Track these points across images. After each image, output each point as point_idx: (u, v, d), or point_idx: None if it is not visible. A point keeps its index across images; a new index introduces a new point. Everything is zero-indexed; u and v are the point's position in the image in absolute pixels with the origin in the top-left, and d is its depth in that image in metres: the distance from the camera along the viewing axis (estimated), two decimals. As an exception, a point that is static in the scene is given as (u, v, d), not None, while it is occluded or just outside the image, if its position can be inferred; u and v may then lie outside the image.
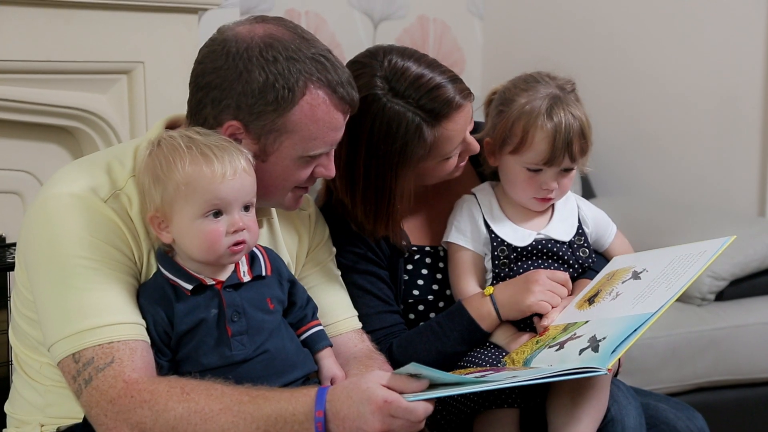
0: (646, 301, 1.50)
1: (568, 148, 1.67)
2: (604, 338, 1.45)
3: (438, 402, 1.63)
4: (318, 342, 1.56)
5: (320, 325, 1.58)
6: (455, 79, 1.68)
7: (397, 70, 1.65)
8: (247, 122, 1.48)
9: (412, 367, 1.34)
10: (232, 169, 1.42)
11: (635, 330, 1.44)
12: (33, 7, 2.37)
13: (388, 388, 1.36)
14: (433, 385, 1.38)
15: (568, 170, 1.72)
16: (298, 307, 1.55)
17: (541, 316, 1.65)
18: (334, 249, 1.77)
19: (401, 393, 1.35)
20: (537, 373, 1.42)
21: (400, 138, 1.64)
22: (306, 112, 1.48)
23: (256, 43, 1.47)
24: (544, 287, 1.65)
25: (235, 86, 1.47)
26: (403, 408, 1.33)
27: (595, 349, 1.43)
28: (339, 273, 1.75)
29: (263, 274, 1.50)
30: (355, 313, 1.72)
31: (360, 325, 1.71)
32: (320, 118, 1.50)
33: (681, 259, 1.58)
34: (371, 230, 1.73)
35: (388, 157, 1.65)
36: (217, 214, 1.42)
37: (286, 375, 1.48)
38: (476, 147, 1.74)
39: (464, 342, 1.68)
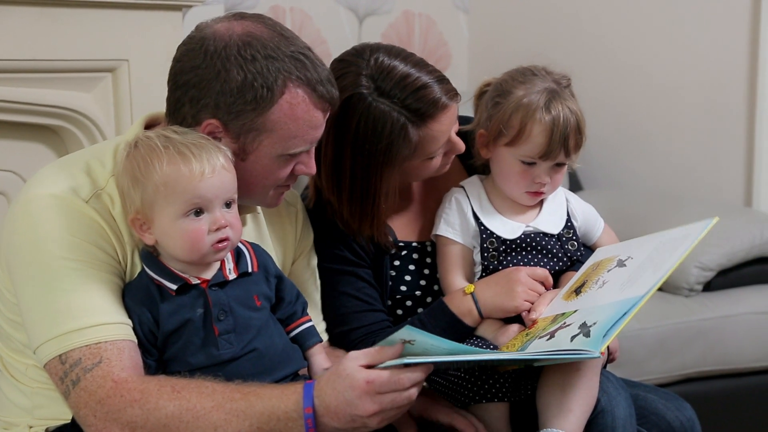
0: (634, 286, 1.51)
1: (565, 143, 1.67)
2: (594, 323, 1.45)
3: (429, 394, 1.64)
4: (308, 338, 1.56)
5: (311, 321, 1.58)
6: (442, 79, 1.68)
7: (383, 69, 1.64)
8: (226, 121, 1.47)
9: (406, 332, 1.34)
10: (211, 167, 1.41)
11: (625, 314, 1.45)
12: (17, 6, 2.36)
13: (368, 366, 1.36)
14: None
15: (561, 165, 1.72)
16: (286, 303, 1.54)
17: (528, 310, 1.65)
18: (315, 260, 1.76)
19: (380, 365, 1.35)
20: (529, 354, 1.42)
21: (385, 138, 1.64)
22: (285, 110, 1.48)
23: (235, 42, 1.46)
24: (525, 286, 1.65)
25: (213, 85, 1.46)
26: (387, 380, 1.34)
27: (587, 335, 1.44)
28: (318, 286, 1.75)
29: (249, 270, 1.49)
30: (324, 325, 1.74)
31: (326, 337, 1.73)
32: (300, 117, 1.49)
33: (665, 244, 1.59)
34: (357, 229, 1.73)
35: (373, 157, 1.65)
36: (198, 212, 1.41)
37: (275, 372, 1.48)
38: (461, 146, 1.74)
39: (448, 338, 1.68)
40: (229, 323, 1.45)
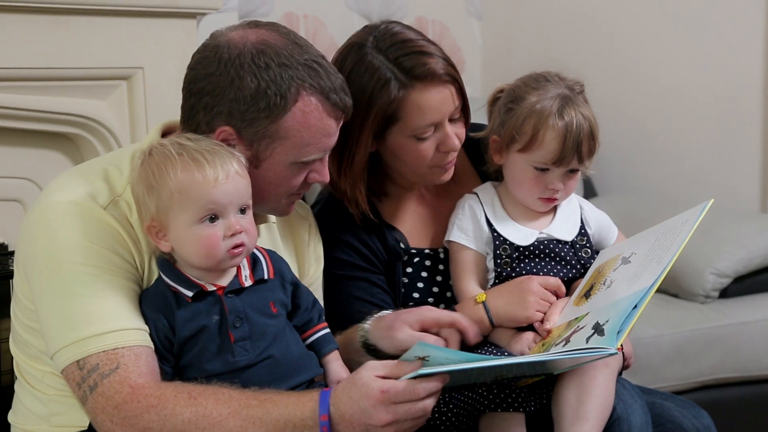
0: (640, 279, 1.51)
1: (578, 149, 1.67)
2: (607, 321, 1.45)
3: (444, 402, 1.64)
4: (325, 345, 1.55)
5: (327, 327, 1.57)
6: (447, 61, 1.70)
7: (389, 31, 1.70)
8: (240, 128, 1.48)
9: (419, 348, 1.34)
10: (225, 173, 1.41)
11: (635, 306, 1.45)
12: (32, 14, 2.37)
13: (384, 377, 1.36)
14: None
15: (574, 171, 1.71)
16: (302, 310, 1.54)
17: (541, 321, 1.65)
18: (321, 272, 1.76)
19: (398, 378, 1.35)
20: (545, 355, 1.42)
21: (368, 90, 1.66)
22: (298, 118, 1.48)
23: (249, 50, 1.47)
24: (537, 297, 1.65)
25: (227, 93, 1.46)
26: (401, 390, 1.34)
27: (601, 333, 1.43)
28: (320, 297, 1.75)
29: (265, 277, 1.49)
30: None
31: None
32: (313, 125, 1.50)
33: (665, 234, 1.58)
34: (342, 188, 1.73)
35: (357, 108, 1.64)
36: (213, 218, 1.41)
37: (291, 379, 1.48)
38: (454, 143, 1.71)
39: (459, 347, 1.67)
40: (245, 330, 1.45)
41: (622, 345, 1.43)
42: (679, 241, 1.52)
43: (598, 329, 1.45)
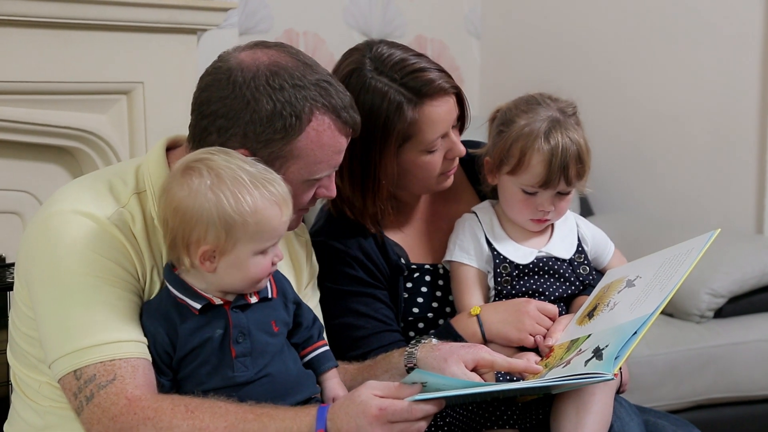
0: (642, 305, 1.52)
1: (564, 172, 1.68)
2: (606, 346, 1.46)
3: (441, 418, 1.64)
4: (323, 363, 1.56)
5: (326, 345, 1.58)
6: (441, 70, 1.72)
7: (383, 54, 1.71)
8: (255, 150, 1.49)
9: (417, 375, 1.35)
10: (290, 210, 1.44)
11: (635, 333, 1.46)
12: (33, 28, 2.38)
13: (383, 397, 1.37)
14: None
15: (564, 193, 1.73)
16: (303, 328, 1.55)
17: (543, 336, 1.65)
18: (318, 295, 1.77)
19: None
20: (543, 381, 1.43)
21: (382, 114, 1.67)
22: (312, 138, 1.50)
23: (262, 72, 1.48)
24: (533, 320, 1.65)
25: (242, 115, 1.47)
26: (399, 409, 1.35)
27: (600, 358, 1.44)
28: (320, 314, 1.75)
29: (269, 296, 1.50)
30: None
31: None
32: (325, 143, 1.51)
33: (671, 261, 1.59)
34: (361, 208, 1.74)
35: (372, 134, 1.67)
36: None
37: (288, 397, 1.48)
38: (461, 149, 1.75)
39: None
40: (246, 346, 1.45)
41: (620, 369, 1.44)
42: (683, 270, 1.53)
43: (597, 353, 1.46)
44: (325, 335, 1.60)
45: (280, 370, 1.48)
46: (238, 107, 1.47)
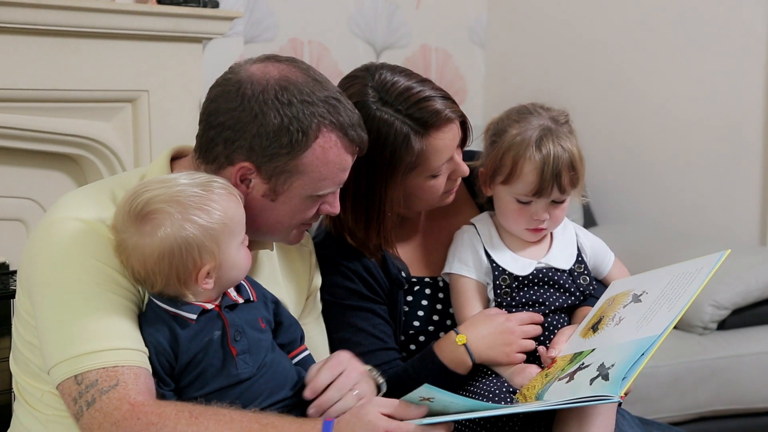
0: (650, 324, 1.51)
1: (557, 180, 1.68)
2: (612, 365, 1.45)
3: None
4: (309, 366, 1.57)
5: (307, 349, 1.61)
6: (446, 97, 1.70)
7: (386, 82, 1.68)
8: (260, 164, 1.49)
9: (425, 390, 1.34)
10: (238, 193, 1.49)
11: (643, 354, 1.44)
12: (39, 36, 2.39)
13: (390, 415, 1.37)
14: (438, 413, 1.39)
15: (559, 202, 1.72)
16: (286, 326, 1.57)
17: (546, 347, 1.65)
18: (320, 307, 1.77)
19: (403, 420, 1.36)
20: (549, 404, 1.42)
21: (389, 146, 1.66)
22: (318, 154, 1.50)
23: (272, 86, 1.48)
24: (518, 338, 1.64)
25: (249, 128, 1.48)
26: None
27: (605, 377, 1.43)
28: (323, 326, 1.76)
29: (251, 298, 1.52)
30: None
31: None
32: (331, 161, 1.51)
33: (679, 278, 1.58)
34: (363, 239, 1.74)
35: (377, 165, 1.66)
36: None
37: (287, 388, 1.50)
38: (465, 169, 1.75)
39: (440, 385, 1.60)
40: (244, 344, 1.47)
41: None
42: (692, 289, 1.52)
43: (602, 373, 1.45)
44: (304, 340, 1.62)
45: (275, 362, 1.51)
46: (245, 120, 1.48)
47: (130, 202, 1.43)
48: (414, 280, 1.80)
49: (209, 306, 1.46)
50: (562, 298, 1.73)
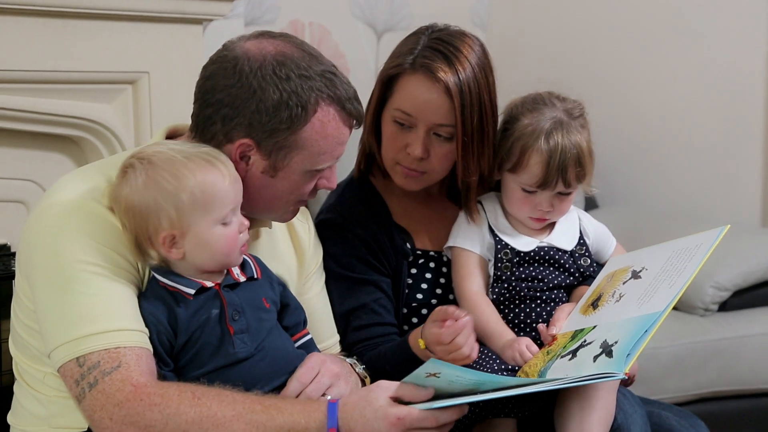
0: (651, 301, 1.51)
1: (563, 174, 1.68)
2: (616, 342, 1.45)
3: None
4: (310, 350, 1.58)
5: (309, 333, 1.61)
6: (461, 82, 1.73)
7: (448, 28, 1.87)
8: (259, 140, 1.49)
9: (431, 365, 1.34)
10: (233, 173, 1.45)
11: (646, 331, 1.44)
12: (39, 17, 2.38)
13: (397, 398, 1.37)
14: (443, 394, 1.38)
15: (564, 194, 1.72)
16: (292, 309, 1.57)
17: (547, 324, 1.65)
18: (323, 280, 1.78)
19: (411, 402, 1.36)
20: (556, 383, 1.42)
21: (396, 51, 1.81)
22: (317, 128, 1.50)
23: (269, 62, 1.48)
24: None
25: (248, 104, 1.47)
26: (417, 418, 1.35)
27: (609, 354, 1.43)
28: (327, 299, 1.77)
29: (255, 276, 1.51)
30: (338, 337, 1.76)
31: (339, 348, 1.75)
32: (330, 134, 1.51)
33: (679, 254, 1.58)
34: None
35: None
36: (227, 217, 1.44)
37: (287, 373, 1.50)
38: (416, 151, 1.72)
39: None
40: (242, 323, 1.47)
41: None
42: (693, 265, 1.52)
43: (606, 350, 1.45)
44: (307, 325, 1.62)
45: (276, 346, 1.50)
46: (244, 96, 1.47)
47: (128, 154, 1.45)
48: (419, 252, 1.81)
49: (208, 284, 1.46)
50: (561, 276, 1.74)
